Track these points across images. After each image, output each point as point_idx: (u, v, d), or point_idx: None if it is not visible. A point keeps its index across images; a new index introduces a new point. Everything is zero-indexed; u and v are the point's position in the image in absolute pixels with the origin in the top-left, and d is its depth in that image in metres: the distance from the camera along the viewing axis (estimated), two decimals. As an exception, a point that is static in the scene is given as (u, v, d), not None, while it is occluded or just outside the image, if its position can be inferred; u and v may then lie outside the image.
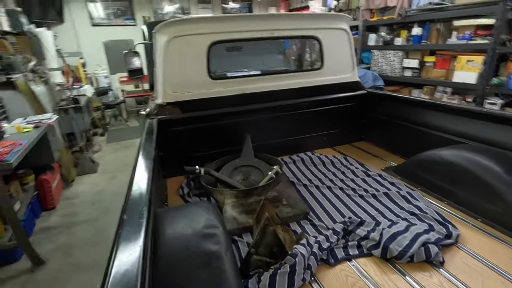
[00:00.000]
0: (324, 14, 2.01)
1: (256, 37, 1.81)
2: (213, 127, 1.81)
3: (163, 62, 1.65)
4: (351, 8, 4.37)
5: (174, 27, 1.63)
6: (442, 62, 3.25)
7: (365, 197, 1.44)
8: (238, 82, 1.84)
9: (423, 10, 3.24)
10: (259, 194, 1.30)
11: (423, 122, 1.78)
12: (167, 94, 1.70)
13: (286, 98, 1.93)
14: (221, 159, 1.67)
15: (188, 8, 6.31)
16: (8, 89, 2.58)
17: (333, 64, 2.01)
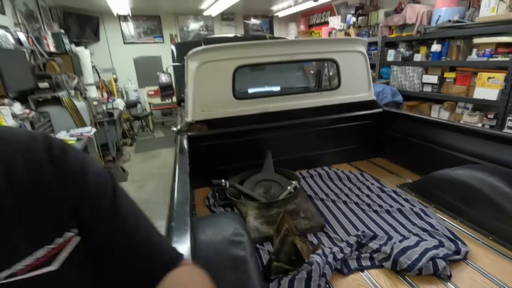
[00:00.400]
0: (341, 39, 2.15)
1: (277, 61, 1.97)
2: (237, 143, 1.97)
3: (194, 84, 1.84)
4: (370, 25, 4.46)
5: (204, 54, 1.83)
6: (463, 78, 3.26)
7: (379, 212, 1.53)
8: (261, 101, 1.99)
9: (442, 27, 3.29)
10: (279, 207, 1.42)
11: (438, 141, 1.84)
12: (196, 113, 1.88)
13: (305, 116, 2.06)
14: (243, 173, 1.81)
15: (212, 25, 6.65)
16: (54, 105, 2.90)
17: (350, 84, 2.12)
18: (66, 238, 0.40)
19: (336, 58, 2.06)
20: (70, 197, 0.42)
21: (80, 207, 0.43)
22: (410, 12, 3.64)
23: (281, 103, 2.03)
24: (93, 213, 0.44)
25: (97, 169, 0.47)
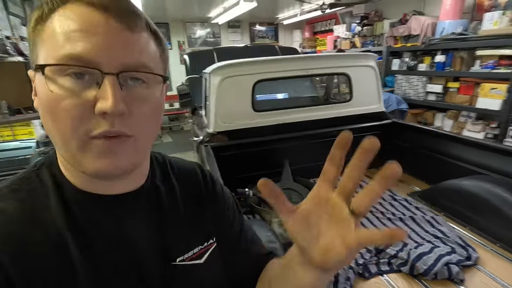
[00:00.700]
0: (353, 54, 2.26)
1: (294, 75, 2.10)
2: (255, 152, 2.08)
3: (216, 98, 1.95)
4: (375, 34, 4.60)
5: (226, 69, 1.95)
6: (466, 88, 3.38)
7: (393, 220, 1.64)
8: (278, 113, 2.11)
9: (446, 39, 3.42)
10: (301, 215, 1.53)
11: (445, 152, 1.96)
12: (217, 124, 2.00)
13: (319, 127, 2.17)
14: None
15: (218, 32, 6.79)
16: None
17: (361, 96, 2.25)
18: (209, 242, 0.54)
19: (349, 73, 2.18)
20: (214, 211, 0.57)
21: (219, 220, 0.57)
22: (415, 23, 3.77)
23: (297, 115, 2.14)
24: (226, 223, 0.58)
25: (225, 188, 0.63)
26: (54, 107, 0.35)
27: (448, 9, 3.48)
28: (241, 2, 3.90)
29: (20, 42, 2.32)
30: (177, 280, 0.47)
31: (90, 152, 0.36)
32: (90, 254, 0.40)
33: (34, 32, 0.37)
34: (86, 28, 0.34)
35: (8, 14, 2.55)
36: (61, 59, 0.34)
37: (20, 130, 2.01)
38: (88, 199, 0.42)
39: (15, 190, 0.40)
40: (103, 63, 0.35)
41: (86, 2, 0.35)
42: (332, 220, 0.35)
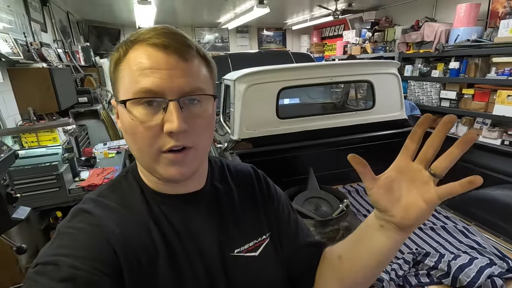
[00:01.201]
0: (376, 62, 2.26)
1: (317, 82, 2.10)
2: (279, 159, 2.07)
3: (241, 105, 1.95)
4: (386, 40, 4.61)
5: (251, 77, 1.95)
6: (481, 95, 3.37)
7: (424, 229, 1.62)
8: (302, 120, 2.10)
9: (461, 46, 3.42)
10: (333, 224, 1.52)
11: (470, 160, 1.95)
12: (242, 131, 1.99)
13: (342, 134, 2.17)
14: (289, 190, 1.91)
15: (227, 37, 6.82)
16: (91, 118, 3.02)
17: (383, 104, 2.24)
18: (263, 238, 0.59)
19: (372, 80, 2.18)
20: (268, 209, 0.63)
21: (273, 217, 0.63)
22: (428, 30, 3.78)
23: (320, 122, 2.14)
24: (282, 220, 0.64)
25: (277, 187, 0.69)
26: (134, 131, 0.46)
27: (462, 16, 3.49)
28: (255, 8, 3.92)
29: (43, 49, 2.33)
30: (235, 269, 0.54)
31: (161, 163, 0.47)
32: (166, 240, 0.50)
33: (115, 72, 0.47)
34: (152, 65, 0.44)
35: (30, 20, 2.57)
36: (136, 93, 0.44)
37: (44, 136, 2.01)
38: (160, 198, 0.53)
39: (113, 191, 0.53)
40: (167, 92, 0.44)
41: (151, 43, 0.44)
42: (414, 183, 0.44)
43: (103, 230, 0.46)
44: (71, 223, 0.47)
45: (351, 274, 0.55)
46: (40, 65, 2.12)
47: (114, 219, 0.47)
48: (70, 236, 0.45)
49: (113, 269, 0.43)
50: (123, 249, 0.45)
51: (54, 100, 2.13)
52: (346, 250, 0.57)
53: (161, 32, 0.45)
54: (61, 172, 1.76)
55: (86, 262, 0.41)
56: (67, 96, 2.48)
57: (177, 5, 4.77)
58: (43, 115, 2.24)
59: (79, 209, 0.49)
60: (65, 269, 0.40)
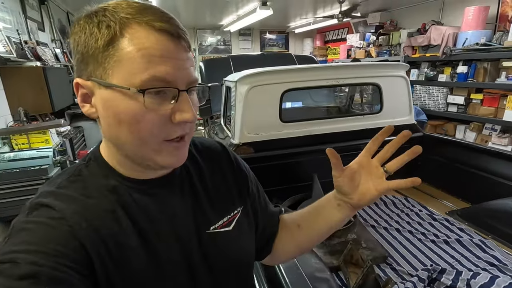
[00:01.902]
0: (384, 64, 2.16)
1: (323, 85, 2.00)
2: (282, 165, 1.97)
3: (243, 108, 1.85)
4: (391, 44, 4.52)
5: (253, 78, 1.85)
6: (491, 100, 3.27)
7: (437, 242, 1.51)
8: (306, 124, 2.00)
9: (470, 50, 3.33)
10: (340, 236, 1.41)
11: (484, 168, 1.84)
12: (243, 135, 1.89)
13: (348, 139, 2.06)
14: (292, 198, 1.81)
15: (229, 40, 6.76)
16: (88, 119, 2.93)
17: (392, 108, 2.14)
18: (235, 212, 0.60)
19: (379, 83, 2.08)
20: (239, 183, 0.64)
21: (244, 191, 0.64)
22: (435, 33, 3.69)
23: (325, 126, 2.04)
24: (252, 194, 0.66)
25: (245, 163, 0.69)
26: (138, 119, 0.43)
27: (471, 19, 3.40)
28: (258, 10, 3.85)
29: (38, 47, 2.25)
30: (212, 245, 0.55)
31: (163, 152, 0.46)
32: (138, 227, 0.48)
33: (107, 51, 0.42)
34: (163, 53, 0.42)
35: (26, 19, 2.49)
36: (147, 80, 0.41)
37: (36, 138, 1.91)
38: (131, 184, 0.50)
39: (74, 181, 0.48)
40: (178, 82, 0.43)
41: (156, 27, 0.42)
42: (370, 176, 0.58)
43: (67, 223, 0.42)
44: (28, 218, 0.43)
45: (308, 239, 0.68)
46: (34, 64, 2.03)
47: (78, 211, 0.44)
48: (28, 232, 0.41)
49: (82, 264, 0.41)
50: (93, 242, 0.43)
51: (48, 100, 2.04)
52: (305, 220, 0.68)
53: (160, 14, 0.43)
54: (51, 176, 1.66)
55: (49, 258, 0.38)
56: (62, 96, 2.40)
57: (179, 5, 4.72)
58: (37, 116, 2.15)
59: (36, 203, 0.44)
60: (25, 266, 0.37)
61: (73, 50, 0.45)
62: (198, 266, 0.53)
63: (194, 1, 4.42)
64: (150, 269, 0.47)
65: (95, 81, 0.43)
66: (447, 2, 4.11)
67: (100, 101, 0.44)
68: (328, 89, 3.24)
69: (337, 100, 3.32)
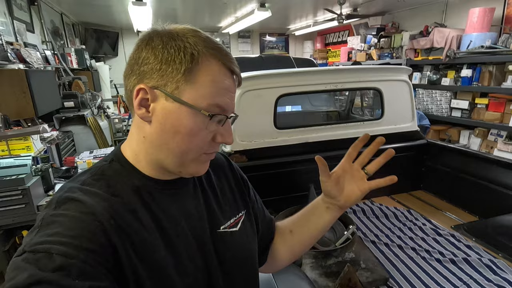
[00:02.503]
0: (385, 67, 2.05)
1: (320, 89, 1.89)
2: (276, 174, 1.86)
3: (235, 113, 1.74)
4: (393, 47, 4.42)
5: (246, 82, 1.74)
6: (496, 105, 3.15)
7: (443, 261, 1.39)
8: (302, 131, 1.89)
9: (474, 52, 3.21)
10: (337, 256, 1.30)
11: (493, 179, 1.72)
12: (235, 143, 1.78)
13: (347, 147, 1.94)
14: (287, 210, 1.69)
15: (228, 42, 6.68)
16: (78, 124, 2.83)
17: (393, 114, 2.03)
18: (239, 214, 0.66)
19: (380, 87, 1.97)
20: (241, 191, 0.70)
21: (245, 197, 0.70)
22: (438, 36, 3.58)
23: (322, 133, 1.93)
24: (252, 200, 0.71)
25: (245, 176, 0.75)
26: (194, 133, 0.50)
27: (475, 21, 3.28)
28: (256, 11, 3.75)
29: (23, 49, 2.15)
30: (222, 244, 0.60)
31: (198, 162, 0.54)
32: (159, 226, 0.51)
33: (183, 75, 0.48)
34: (228, 88, 0.52)
35: (13, 19, 2.40)
36: (212, 106, 0.50)
37: (16, 144, 1.81)
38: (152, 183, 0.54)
39: (98, 179, 0.51)
40: (229, 111, 0.53)
41: (226, 65, 0.51)
42: (353, 179, 0.67)
43: (97, 219, 0.44)
44: (57, 211, 0.44)
45: (301, 243, 0.73)
46: (16, 67, 1.93)
47: (106, 208, 0.46)
48: (60, 224, 0.42)
49: (110, 260, 0.43)
50: (120, 239, 0.45)
51: (31, 104, 1.94)
52: (297, 225, 0.74)
53: (229, 55, 0.52)
54: (28, 187, 1.56)
55: (81, 251, 0.40)
56: (49, 100, 2.30)
57: (177, 8, 4.63)
58: (21, 120, 2.05)
59: (66, 197, 0.46)
60: (58, 258, 0.38)
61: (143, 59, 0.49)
62: (213, 263, 0.57)
63: (192, 3, 4.33)
64: (173, 265, 0.51)
65: (164, 92, 0.49)
66: (450, 4, 4.00)
67: (162, 110, 0.49)
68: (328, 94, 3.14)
69: (336, 104, 3.21)
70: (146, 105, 0.50)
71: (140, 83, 0.49)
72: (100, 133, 2.84)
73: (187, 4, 4.43)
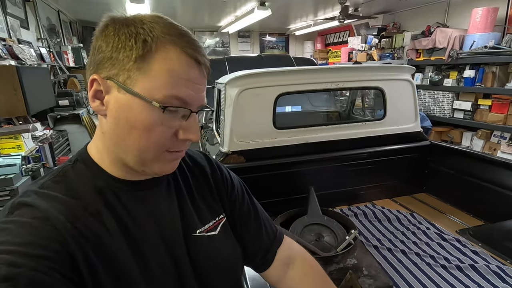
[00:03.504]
0: (388, 66, 2.00)
1: (321, 88, 1.83)
2: (275, 175, 1.80)
3: (232, 112, 1.69)
4: (394, 47, 4.36)
5: (244, 80, 1.69)
6: (500, 106, 3.10)
7: (449, 268, 1.33)
8: (302, 131, 1.84)
9: (478, 53, 3.16)
10: (338, 262, 1.23)
11: (500, 182, 1.66)
12: (233, 143, 1.73)
13: (347, 148, 1.89)
14: (286, 213, 1.63)
15: (228, 42, 6.63)
16: (73, 123, 2.77)
17: (396, 114, 1.97)
18: (219, 217, 0.63)
19: (383, 87, 1.91)
20: (221, 191, 0.65)
21: (227, 198, 0.66)
22: (440, 36, 3.53)
23: (323, 134, 1.87)
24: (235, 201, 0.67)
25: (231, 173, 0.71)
26: (150, 128, 0.46)
27: (479, 21, 3.23)
28: (256, 10, 3.70)
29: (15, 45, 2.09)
30: (198, 248, 0.56)
31: (161, 160, 0.49)
32: (124, 229, 0.48)
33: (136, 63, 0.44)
34: (189, 78, 0.47)
35: (6, 15, 2.34)
36: (169, 97, 0.45)
37: (6, 143, 1.75)
38: (120, 185, 0.51)
39: (58, 181, 0.48)
40: (194, 104, 0.49)
41: (187, 53, 0.46)
42: None
43: (51, 223, 0.41)
44: (9, 217, 0.42)
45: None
46: (7, 63, 1.87)
47: (62, 212, 0.43)
48: (9, 232, 0.40)
49: (66, 267, 0.40)
50: (77, 243, 0.42)
51: (22, 102, 1.87)
52: None
53: (192, 42, 0.47)
54: (16, 187, 1.49)
55: (30, 259, 0.37)
56: (41, 98, 2.24)
57: (176, 7, 4.58)
58: (13, 119, 1.99)
59: (19, 202, 0.43)
60: (3, 268, 0.35)
61: (97, 48, 0.46)
62: (186, 269, 0.54)
63: (192, 1, 4.28)
64: (138, 271, 0.47)
65: (116, 83, 0.45)
66: (453, 4, 3.95)
67: (116, 103, 0.46)
68: (328, 93, 3.09)
69: (337, 104, 3.15)
70: (101, 97, 0.47)
71: (94, 74, 0.46)
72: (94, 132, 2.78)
73: (186, 3, 4.37)
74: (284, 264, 0.71)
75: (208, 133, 2.54)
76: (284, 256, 0.71)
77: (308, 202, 1.65)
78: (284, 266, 0.71)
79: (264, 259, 0.69)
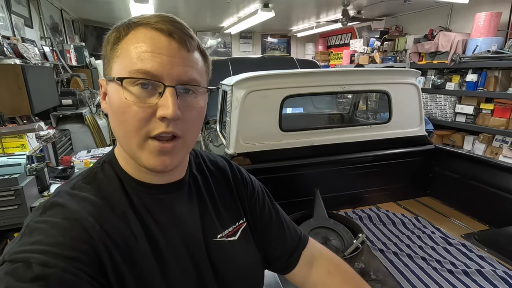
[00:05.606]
0: (394, 70, 2.00)
1: (327, 91, 1.83)
2: (280, 178, 1.80)
3: (239, 114, 1.68)
4: (397, 50, 4.37)
5: (251, 82, 1.69)
6: (502, 110, 3.11)
7: (455, 273, 1.33)
8: (308, 134, 1.84)
9: (481, 57, 3.17)
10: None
11: (506, 188, 1.66)
12: (239, 145, 1.72)
13: (352, 151, 1.89)
14: (292, 216, 1.62)
15: (229, 42, 6.63)
16: (76, 122, 2.76)
17: (401, 117, 1.97)
18: (240, 222, 0.62)
19: (388, 90, 1.91)
20: (242, 195, 0.65)
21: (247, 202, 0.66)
22: (443, 40, 3.54)
23: (329, 136, 1.87)
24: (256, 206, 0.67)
25: (252, 177, 0.72)
26: (124, 110, 0.45)
27: (482, 25, 3.24)
28: (259, 11, 3.70)
29: (20, 44, 2.08)
30: (218, 253, 0.56)
31: (145, 150, 0.46)
32: (148, 233, 0.49)
33: (112, 51, 0.46)
34: (153, 49, 0.44)
35: (11, 14, 2.33)
36: (134, 73, 0.44)
37: (11, 142, 1.74)
38: (141, 188, 0.51)
39: (89, 182, 0.50)
40: (165, 77, 0.45)
41: (155, 27, 0.45)
42: None
43: (81, 225, 0.43)
44: (42, 217, 0.43)
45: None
46: (12, 62, 1.86)
47: (92, 213, 0.45)
48: (42, 231, 0.41)
49: (93, 268, 0.41)
50: (105, 245, 0.43)
51: (27, 101, 1.87)
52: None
53: (167, 19, 0.46)
54: (21, 187, 1.48)
55: (61, 260, 0.38)
56: (45, 97, 2.23)
57: (179, 6, 4.57)
58: (16, 118, 1.98)
59: (52, 202, 0.45)
60: (37, 268, 0.37)
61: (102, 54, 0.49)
62: (206, 274, 0.53)
63: (195, 2, 4.27)
64: (160, 275, 0.48)
65: (105, 77, 0.48)
66: (456, 8, 3.97)
67: (108, 97, 0.48)
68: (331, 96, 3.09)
69: (339, 106, 3.15)
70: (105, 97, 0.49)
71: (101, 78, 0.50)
72: (98, 132, 2.77)
73: (189, 3, 4.37)
74: (308, 263, 0.70)
75: (212, 133, 2.54)
76: (308, 256, 0.71)
77: (314, 205, 1.64)
78: (308, 266, 0.70)
79: (288, 261, 0.68)
